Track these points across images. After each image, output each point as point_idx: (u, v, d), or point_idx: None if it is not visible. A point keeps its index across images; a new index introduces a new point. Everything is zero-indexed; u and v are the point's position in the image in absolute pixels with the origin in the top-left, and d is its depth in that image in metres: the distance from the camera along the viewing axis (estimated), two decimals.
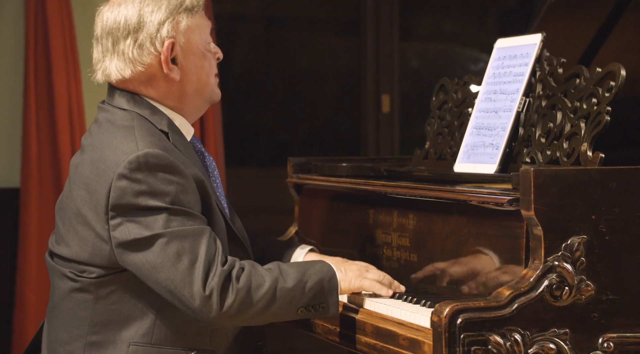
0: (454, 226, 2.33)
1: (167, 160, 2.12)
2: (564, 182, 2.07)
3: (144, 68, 2.21)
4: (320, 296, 2.22)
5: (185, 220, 2.12)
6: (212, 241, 2.14)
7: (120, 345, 2.16)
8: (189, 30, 2.23)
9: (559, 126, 2.36)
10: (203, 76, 2.27)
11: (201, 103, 2.31)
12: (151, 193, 2.10)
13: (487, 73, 2.65)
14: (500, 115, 2.53)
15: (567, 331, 2.05)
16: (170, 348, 2.18)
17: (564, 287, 2.06)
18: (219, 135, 4.38)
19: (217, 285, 2.11)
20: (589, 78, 2.32)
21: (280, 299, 2.17)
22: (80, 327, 2.18)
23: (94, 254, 2.15)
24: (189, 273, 2.10)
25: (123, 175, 2.11)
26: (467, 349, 2.00)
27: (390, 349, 2.18)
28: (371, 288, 2.31)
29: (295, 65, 5.13)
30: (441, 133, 2.85)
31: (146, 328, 2.16)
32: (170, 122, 2.25)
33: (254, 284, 2.15)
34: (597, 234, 2.07)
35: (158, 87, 2.24)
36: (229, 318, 2.14)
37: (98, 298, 2.17)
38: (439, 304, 2.04)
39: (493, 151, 2.50)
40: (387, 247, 2.57)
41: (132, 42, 2.19)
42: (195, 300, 2.10)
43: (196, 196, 2.17)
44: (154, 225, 2.10)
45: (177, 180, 2.12)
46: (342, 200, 2.82)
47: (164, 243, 2.10)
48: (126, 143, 2.14)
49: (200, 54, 2.26)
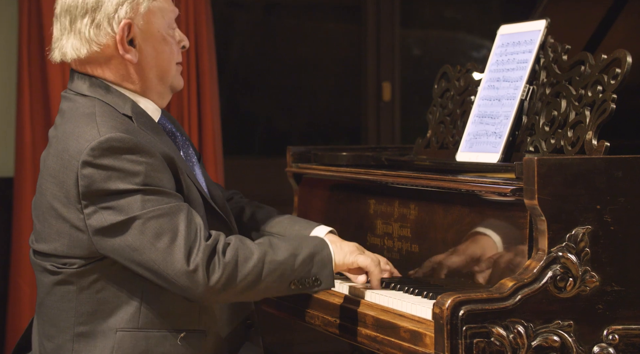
0: (456, 217, 2.33)
1: (131, 141, 2.13)
2: (568, 171, 2.06)
3: (100, 48, 2.21)
4: (312, 269, 2.22)
5: (160, 198, 2.12)
6: (191, 217, 2.14)
7: (108, 333, 2.17)
8: (150, 12, 2.23)
9: (564, 114, 2.35)
10: (163, 61, 2.27)
11: (163, 89, 2.30)
12: (120, 177, 2.11)
13: (490, 61, 2.64)
14: (503, 103, 2.52)
15: (571, 323, 2.05)
16: (158, 330, 2.18)
17: (568, 278, 2.06)
18: (217, 124, 4.37)
19: (202, 260, 2.11)
20: (594, 65, 2.31)
21: (271, 272, 2.17)
22: (67, 319, 2.19)
23: (72, 246, 2.16)
24: (170, 251, 2.11)
25: (87, 162, 2.11)
26: (469, 341, 2.00)
27: (391, 342, 2.18)
28: (364, 263, 2.32)
29: (294, 52, 5.12)
30: (443, 121, 2.85)
31: (132, 312, 2.17)
32: (134, 104, 2.24)
33: (242, 257, 2.16)
34: (602, 224, 2.07)
35: (116, 69, 2.24)
36: (218, 293, 2.14)
37: (81, 289, 2.18)
38: (440, 295, 2.04)
39: (496, 140, 2.49)
40: (388, 238, 2.57)
41: (89, 21, 2.20)
42: (180, 277, 2.11)
43: (168, 174, 2.17)
44: (129, 208, 2.11)
45: (145, 160, 2.13)
46: (343, 189, 2.82)
47: (141, 224, 2.11)
48: (88, 130, 2.15)
49: (161, 38, 2.26)
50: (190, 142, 2.44)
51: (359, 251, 2.33)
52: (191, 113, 4.31)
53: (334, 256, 2.27)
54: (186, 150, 2.36)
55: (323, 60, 5.17)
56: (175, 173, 2.20)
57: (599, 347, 2.07)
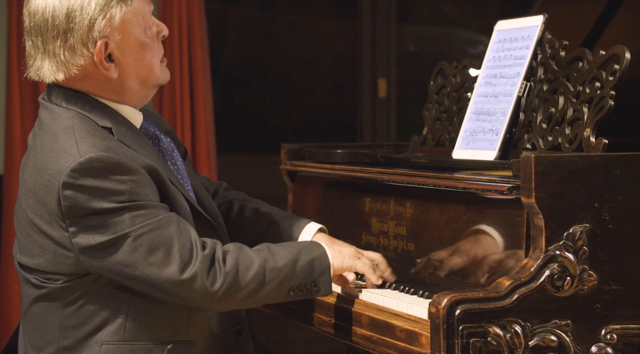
0: (452, 215, 2.33)
1: (113, 160, 2.08)
2: (565, 169, 2.06)
3: (78, 70, 2.14)
4: (311, 276, 2.21)
5: (149, 212, 2.09)
6: (183, 227, 2.12)
7: (93, 346, 2.15)
8: (125, 23, 2.14)
9: (561, 111, 2.35)
10: (144, 68, 2.19)
11: (147, 92, 2.24)
12: (104, 196, 2.07)
13: (486, 57, 2.64)
14: (500, 100, 2.52)
15: (569, 323, 2.05)
16: (144, 343, 2.17)
17: (566, 277, 2.05)
18: (210, 121, 4.37)
19: (201, 269, 2.10)
20: (592, 61, 2.31)
21: (271, 280, 2.17)
22: (51, 332, 2.17)
23: (57, 262, 2.13)
24: (165, 264, 2.09)
25: (68, 184, 2.07)
26: (465, 341, 1.99)
27: (387, 341, 2.18)
28: (362, 269, 2.31)
29: (289, 48, 5.11)
30: (439, 118, 2.84)
31: (117, 325, 2.15)
32: (115, 114, 2.19)
33: (242, 265, 2.14)
34: (600, 222, 2.07)
35: (96, 83, 2.17)
36: (219, 302, 2.13)
37: (66, 304, 2.16)
38: (436, 295, 2.03)
39: (493, 137, 2.49)
40: (383, 236, 2.57)
41: (62, 44, 2.11)
42: (178, 288, 2.09)
43: (153, 187, 2.13)
44: (118, 225, 2.07)
45: (129, 178, 2.08)
46: (337, 187, 2.81)
47: (132, 241, 2.08)
48: (67, 148, 2.09)
49: (139, 45, 2.17)
50: (175, 138, 2.40)
51: (357, 255, 2.32)
52: (184, 110, 4.30)
53: (333, 261, 2.26)
54: (170, 152, 2.32)
55: (318, 56, 5.17)
56: (160, 185, 2.16)
57: (597, 347, 2.07)
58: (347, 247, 2.35)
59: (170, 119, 4.30)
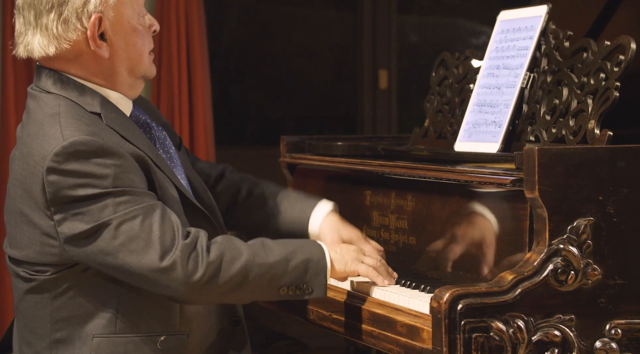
0: (454, 208, 2.33)
1: (97, 144, 2.08)
2: (569, 161, 2.06)
3: (70, 45, 2.15)
4: (304, 276, 2.19)
5: (132, 199, 2.09)
6: (166, 215, 2.11)
7: (85, 339, 2.15)
8: (120, 3, 2.16)
9: (565, 102, 2.35)
10: (135, 53, 2.20)
11: (134, 81, 2.25)
12: (88, 182, 2.07)
13: (489, 48, 2.64)
14: (503, 92, 2.52)
15: (573, 318, 2.05)
16: (136, 335, 2.16)
17: (570, 271, 2.05)
18: (208, 113, 4.37)
19: (180, 257, 2.08)
20: (597, 52, 2.31)
21: (259, 275, 2.15)
22: (42, 326, 2.18)
23: (44, 253, 2.13)
24: (144, 252, 2.08)
25: (52, 168, 2.07)
26: (468, 336, 1.99)
27: (388, 336, 2.18)
28: (367, 274, 2.29)
29: (288, 39, 5.11)
30: (441, 110, 2.84)
31: (108, 318, 2.15)
32: (104, 100, 2.19)
33: (228, 256, 2.13)
34: (605, 216, 2.07)
35: (86, 64, 2.18)
36: (200, 292, 2.11)
37: (56, 296, 2.16)
38: (438, 289, 2.03)
39: (495, 129, 2.49)
40: (384, 230, 2.57)
41: (56, 17, 2.12)
42: (157, 276, 2.08)
43: (139, 173, 2.13)
44: (100, 213, 2.07)
45: (113, 162, 2.08)
46: (338, 180, 2.81)
47: (114, 228, 2.07)
48: (51, 134, 2.10)
49: (132, 29, 2.19)
50: (169, 127, 2.40)
51: (359, 257, 2.29)
52: (182, 102, 4.30)
53: (334, 264, 2.24)
54: (163, 140, 2.32)
55: (318, 47, 5.16)
56: (147, 172, 2.16)
57: (602, 342, 2.07)
58: (350, 248, 2.31)
59: (168, 111, 4.30)
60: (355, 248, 2.32)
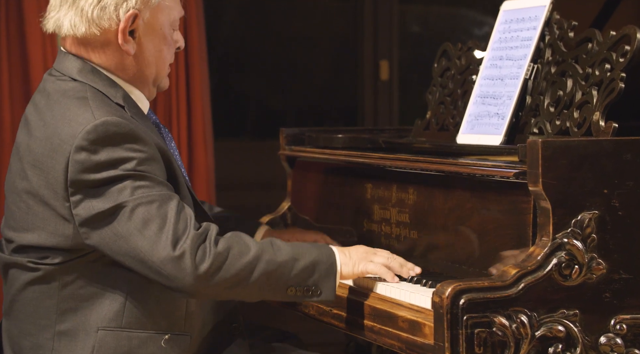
0: (456, 202, 2.33)
1: (128, 127, 2.12)
2: (574, 154, 2.06)
3: (100, 32, 2.19)
4: (314, 277, 2.21)
5: (151, 185, 2.12)
6: (182, 207, 2.15)
7: (89, 331, 2.16)
8: (159, 8, 2.22)
9: (569, 94, 2.35)
10: (159, 60, 2.27)
11: (150, 86, 2.30)
12: (112, 164, 2.11)
13: (492, 38, 2.63)
14: (506, 83, 2.52)
15: (577, 313, 2.05)
16: (142, 331, 2.18)
17: (574, 266, 2.06)
18: (207, 105, 4.36)
19: (190, 246, 2.11)
20: (602, 42, 2.31)
21: (267, 272, 2.17)
22: (47, 317, 2.18)
23: (57, 235, 2.15)
24: (157, 238, 2.10)
25: (81, 147, 2.10)
26: (470, 331, 2.00)
27: (389, 332, 2.18)
28: (376, 271, 2.29)
29: (288, 29, 5.10)
30: (443, 102, 2.84)
31: (115, 310, 2.17)
32: (126, 95, 2.24)
33: (236, 250, 2.15)
34: (610, 209, 2.07)
35: (111, 56, 2.23)
36: (206, 283, 2.12)
37: (64, 285, 2.17)
38: (440, 284, 2.03)
39: (498, 121, 2.49)
40: (385, 223, 2.57)
41: (95, 1, 2.17)
42: (166, 265, 2.10)
43: (161, 165, 2.17)
44: (118, 194, 2.11)
45: (140, 148, 2.12)
46: (338, 173, 2.81)
47: (130, 210, 2.10)
48: (81, 114, 2.13)
49: (162, 36, 2.25)
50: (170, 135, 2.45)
51: (368, 257, 2.30)
52: (179, 93, 4.29)
53: (342, 267, 2.25)
54: (169, 143, 2.36)
55: (318, 38, 5.16)
56: (169, 166, 2.20)
57: (606, 337, 2.07)
58: (359, 249, 2.32)
59: (166, 103, 4.29)
60: (365, 248, 2.33)
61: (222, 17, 5.01)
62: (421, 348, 2.08)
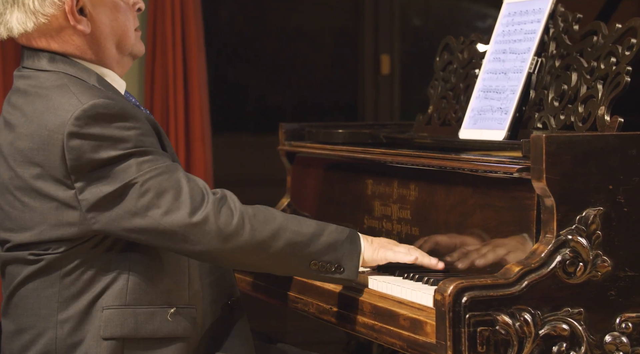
0: (459, 198, 2.33)
1: (117, 106, 2.13)
2: (578, 149, 2.06)
3: (48, 20, 2.19)
4: (336, 254, 2.22)
5: (155, 158, 2.14)
6: (190, 175, 2.17)
7: (94, 314, 2.17)
8: None
9: (574, 88, 2.34)
10: (118, 29, 2.25)
11: (122, 58, 2.29)
12: (110, 144, 2.11)
13: (495, 31, 2.63)
14: (509, 77, 2.51)
15: (582, 311, 2.05)
16: (147, 307, 2.19)
17: (578, 263, 2.05)
18: (204, 99, 4.36)
19: (213, 210, 2.13)
20: (608, 35, 2.30)
21: (293, 243, 2.18)
22: (49, 306, 2.19)
23: (60, 227, 2.15)
24: (175, 207, 2.12)
25: (73, 133, 2.10)
26: (472, 330, 2.00)
27: (390, 330, 2.18)
28: (395, 258, 2.30)
29: (287, 21, 5.09)
30: (445, 96, 2.84)
31: (118, 289, 2.18)
32: (100, 78, 2.24)
33: (262, 216, 2.18)
34: (615, 205, 2.07)
35: (71, 41, 2.22)
36: (232, 246, 2.14)
37: (65, 273, 2.18)
38: (442, 281, 2.03)
39: (502, 116, 2.49)
40: (386, 220, 2.57)
41: None
42: (190, 232, 2.12)
43: (155, 138, 2.19)
44: (125, 173, 2.12)
45: (134, 125, 2.13)
46: (338, 169, 2.81)
47: (139, 187, 2.12)
48: (65, 101, 2.13)
49: (112, 5, 2.24)
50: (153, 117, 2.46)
51: (390, 246, 2.31)
52: (177, 87, 4.29)
53: (364, 252, 2.26)
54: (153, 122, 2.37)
55: (318, 31, 5.15)
56: (160, 138, 2.22)
57: (612, 336, 2.07)
58: (381, 238, 2.34)
59: (162, 97, 4.29)
60: (387, 239, 2.35)
61: (221, 9, 5.00)
62: (423, 347, 2.08)
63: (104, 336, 2.17)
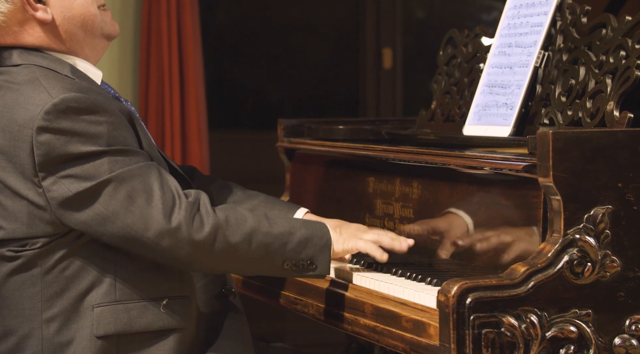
0: (462, 196, 2.33)
1: (88, 100, 2.12)
2: (586, 146, 2.06)
3: (7, 17, 2.19)
4: (309, 251, 2.24)
5: (128, 158, 2.13)
6: (164, 175, 2.16)
7: (83, 312, 2.17)
8: None
9: (582, 83, 2.34)
10: (80, 10, 2.24)
11: (93, 41, 2.28)
12: (81, 140, 2.10)
13: (501, 24, 2.63)
14: (515, 71, 2.51)
15: (590, 312, 2.05)
16: (138, 301, 2.19)
17: (586, 263, 2.05)
18: (201, 95, 4.36)
19: (185, 217, 2.12)
20: (617, 28, 2.30)
21: (264, 244, 2.19)
22: (32, 306, 2.18)
23: (33, 225, 2.15)
24: (146, 212, 2.11)
25: (43, 128, 2.10)
26: (477, 332, 1.99)
27: (392, 332, 2.18)
28: (365, 248, 2.32)
29: (287, 15, 5.10)
30: (449, 91, 2.84)
31: (106, 286, 2.17)
32: (73, 68, 2.23)
33: (233, 220, 2.17)
34: (624, 204, 2.07)
35: (36, 32, 2.22)
36: (205, 254, 2.15)
37: (47, 270, 2.17)
38: (446, 282, 2.03)
39: (507, 111, 2.49)
40: (388, 219, 2.57)
41: None
42: (162, 239, 2.12)
43: (130, 131, 2.18)
44: (96, 172, 2.11)
45: (106, 119, 2.12)
46: (339, 166, 2.81)
47: (112, 189, 2.11)
48: (36, 96, 2.13)
49: None
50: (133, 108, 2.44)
51: (359, 234, 2.33)
52: (172, 82, 4.29)
53: (334, 245, 2.28)
54: None
55: (318, 24, 5.15)
56: (135, 129, 2.21)
57: (621, 338, 2.07)
58: (350, 227, 2.36)
59: (158, 93, 4.29)
60: (357, 225, 2.37)
61: (217, 2, 5.00)
62: (426, 350, 2.08)
63: (97, 335, 2.17)
